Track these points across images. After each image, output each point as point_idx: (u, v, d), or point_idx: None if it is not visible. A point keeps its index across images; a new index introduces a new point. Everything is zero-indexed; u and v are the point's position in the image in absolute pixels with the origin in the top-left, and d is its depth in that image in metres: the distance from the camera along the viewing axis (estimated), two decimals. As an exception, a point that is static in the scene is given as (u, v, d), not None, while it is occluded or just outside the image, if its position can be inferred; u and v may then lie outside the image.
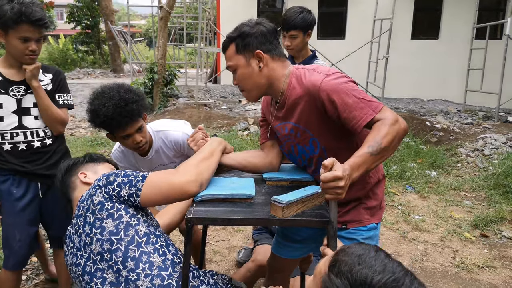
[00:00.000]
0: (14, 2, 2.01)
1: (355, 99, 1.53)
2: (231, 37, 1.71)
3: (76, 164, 1.82)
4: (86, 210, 1.51)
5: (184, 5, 15.42)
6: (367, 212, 1.80)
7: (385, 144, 1.41)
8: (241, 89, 1.77)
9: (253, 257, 2.66)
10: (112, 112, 1.98)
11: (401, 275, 0.86)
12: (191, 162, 1.62)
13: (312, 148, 1.74)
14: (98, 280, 1.48)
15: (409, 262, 3.39)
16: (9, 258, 2.26)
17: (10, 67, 2.18)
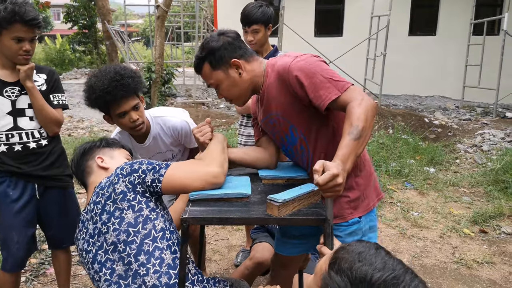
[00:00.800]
0: (7, 2, 2.00)
1: (322, 78, 1.55)
2: (201, 57, 1.72)
3: (92, 148, 1.82)
4: (107, 198, 1.50)
5: (181, 4, 15.39)
6: (349, 205, 1.73)
7: (361, 125, 1.43)
8: (229, 100, 1.80)
9: (251, 255, 2.66)
10: (108, 85, 1.98)
11: (401, 273, 0.86)
12: (212, 155, 1.63)
13: (293, 137, 1.76)
14: (108, 271, 1.48)
15: (409, 258, 3.38)
16: (7, 260, 2.25)
17: (4, 68, 2.17)
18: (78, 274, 3.07)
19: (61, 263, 2.52)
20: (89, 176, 1.74)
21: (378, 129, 7.13)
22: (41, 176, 2.27)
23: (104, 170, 1.72)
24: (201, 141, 1.79)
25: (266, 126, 1.85)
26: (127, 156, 1.86)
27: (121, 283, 1.46)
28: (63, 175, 2.37)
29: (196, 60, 1.74)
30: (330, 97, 1.53)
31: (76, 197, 2.50)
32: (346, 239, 1.71)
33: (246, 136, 3.07)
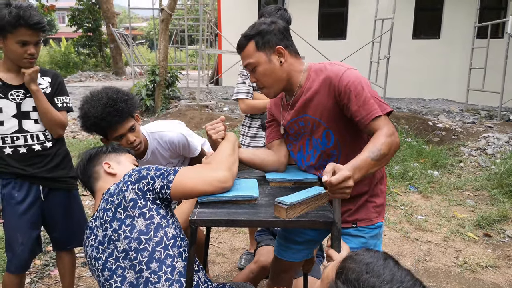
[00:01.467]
0: (11, 6, 2.02)
1: (369, 95, 1.62)
2: (250, 34, 1.72)
3: (99, 154, 1.82)
4: (117, 205, 1.50)
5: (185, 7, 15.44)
6: (376, 210, 1.85)
7: (384, 151, 1.51)
8: (261, 86, 1.79)
9: (255, 258, 2.66)
10: (101, 112, 1.99)
11: (409, 285, 0.85)
12: (220, 157, 1.63)
13: (326, 141, 1.78)
14: (118, 278, 1.48)
15: (412, 262, 3.37)
16: (12, 262, 2.27)
17: (9, 71, 2.19)
18: (82, 276, 3.08)
19: (66, 264, 2.53)
20: (96, 182, 1.74)
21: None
22: (46, 178, 2.28)
23: (111, 176, 1.72)
24: (213, 139, 1.79)
25: (293, 126, 1.86)
26: (134, 161, 1.87)
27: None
28: (67, 177, 2.39)
29: (242, 37, 1.74)
30: (373, 114, 1.59)
31: (80, 199, 2.51)
32: (369, 241, 1.83)
33: (249, 137, 3.07)
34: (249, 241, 3.52)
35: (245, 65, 1.77)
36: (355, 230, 1.83)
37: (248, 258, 3.26)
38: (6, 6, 2.02)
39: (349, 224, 1.84)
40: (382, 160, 1.51)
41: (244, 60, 1.77)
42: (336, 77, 1.66)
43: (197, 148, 2.50)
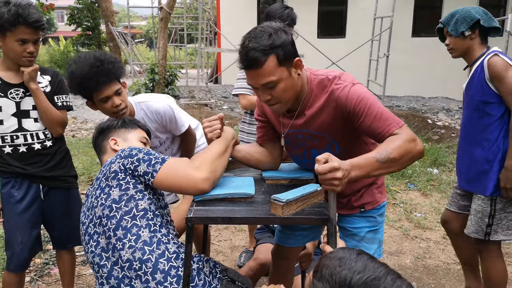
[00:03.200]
0: (10, 5, 2.02)
1: (380, 110, 1.56)
2: (269, 48, 1.47)
3: (109, 128, 1.87)
4: (103, 175, 1.57)
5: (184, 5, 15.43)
6: (378, 191, 1.90)
7: (394, 155, 1.42)
8: (276, 103, 1.61)
9: (254, 256, 2.66)
10: (88, 72, 2.00)
11: (382, 274, 0.84)
12: (207, 157, 1.61)
13: (330, 152, 1.71)
14: (94, 243, 1.55)
15: (412, 260, 3.38)
16: (12, 260, 2.27)
17: (8, 69, 2.19)
18: (82, 274, 3.09)
19: (66, 263, 2.53)
20: (103, 155, 1.82)
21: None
22: (46, 177, 2.29)
23: (115, 152, 1.76)
24: (208, 137, 1.74)
25: (290, 136, 1.82)
26: (142, 139, 1.87)
27: (103, 255, 1.52)
28: (67, 175, 2.39)
29: (256, 51, 1.47)
30: (390, 129, 1.52)
31: (80, 198, 2.51)
32: (378, 219, 1.90)
33: (249, 134, 3.07)
34: (248, 239, 3.52)
35: (264, 83, 1.53)
36: (364, 213, 1.89)
37: (247, 256, 3.26)
38: (5, 4, 2.02)
39: (357, 210, 1.88)
40: (390, 165, 1.42)
41: (261, 78, 1.51)
42: (343, 96, 1.58)
43: (183, 124, 2.48)
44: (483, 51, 2.30)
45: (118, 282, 1.48)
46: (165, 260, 1.49)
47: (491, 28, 2.29)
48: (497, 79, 2.17)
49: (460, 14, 2.30)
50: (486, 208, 2.30)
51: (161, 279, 1.46)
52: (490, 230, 2.31)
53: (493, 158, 2.27)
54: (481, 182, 2.31)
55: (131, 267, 1.47)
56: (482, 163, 2.30)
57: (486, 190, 2.28)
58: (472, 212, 2.36)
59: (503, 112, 2.22)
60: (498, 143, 2.25)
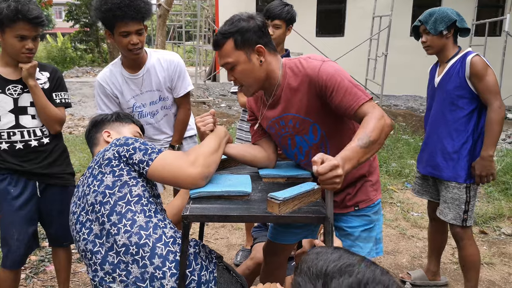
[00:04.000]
0: (10, 0, 2.01)
1: (350, 84, 1.61)
2: (228, 32, 1.64)
3: (103, 121, 1.87)
4: (96, 163, 1.57)
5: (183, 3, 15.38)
6: (373, 188, 1.92)
7: (373, 137, 1.47)
8: (240, 85, 1.75)
9: (252, 255, 2.66)
10: (121, 1, 2.03)
11: (356, 261, 0.85)
12: (202, 152, 1.61)
13: (312, 137, 1.77)
14: (86, 231, 1.54)
15: (408, 259, 3.39)
16: (8, 257, 2.26)
17: (7, 65, 2.18)
18: (78, 272, 3.08)
19: (61, 260, 2.52)
20: (95, 147, 1.82)
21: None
22: (42, 174, 2.28)
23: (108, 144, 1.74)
24: (201, 131, 1.77)
25: (273, 126, 1.85)
26: (135, 133, 1.88)
27: (96, 241, 1.51)
28: (64, 173, 2.38)
29: (219, 34, 1.66)
30: (358, 102, 1.58)
31: (77, 195, 2.51)
32: (373, 217, 1.91)
33: (247, 132, 3.07)
34: (245, 237, 3.52)
35: (223, 64, 1.71)
36: (358, 211, 1.89)
37: (244, 254, 3.26)
38: (5, 0, 2.01)
39: (351, 208, 1.89)
40: (372, 147, 1.48)
41: (221, 59, 1.69)
42: (314, 73, 1.65)
43: (189, 83, 2.55)
44: (457, 50, 2.54)
45: (113, 268, 1.48)
46: (162, 245, 1.48)
47: (463, 29, 2.51)
48: (477, 77, 2.39)
49: (439, 14, 2.48)
50: (462, 195, 2.51)
51: (159, 264, 1.46)
52: (467, 216, 2.53)
53: (462, 149, 2.49)
54: (451, 169, 2.52)
55: (127, 252, 1.46)
56: (451, 152, 2.52)
57: (458, 178, 2.51)
58: (448, 200, 2.56)
59: (473, 108, 2.46)
60: (467, 135, 2.48)
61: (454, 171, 2.51)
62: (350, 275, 0.81)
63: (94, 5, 2.14)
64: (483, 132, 2.45)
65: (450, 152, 2.51)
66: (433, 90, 2.67)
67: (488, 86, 2.38)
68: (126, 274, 1.46)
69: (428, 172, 2.67)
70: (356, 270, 0.82)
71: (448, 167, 2.53)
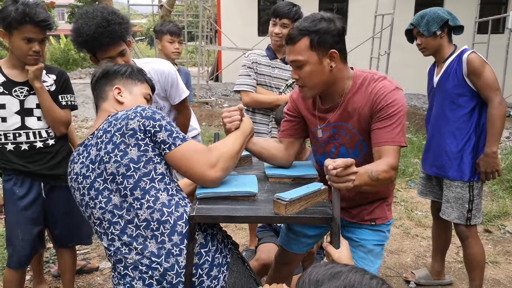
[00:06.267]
0: (18, 3, 2.03)
1: (399, 122, 1.63)
2: (306, 30, 1.59)
3: (116, 74, 1.73)
4: (117, 129, 1.49)
5: (185, 3, 15.39)
6: (388, 209, 1.94)
7: (381, 177, 1.53)
8: (301, 85, 1.70)
9: (256, 256, 2.66)
10: (94, 31, 1.98)
11: (347, 269, 0.87)
12: (225, 153, 1.58)
13: (357, 153, 1.78)
14: (104, 199, 1.51)
15: (413, 258, 3.39)
16: (12, 257, 2.28)
17: (14, 67, 2.20)
18: (82, 273, 3.09)
19: (66, 261, 2.54)
20: (102, 101, 1.70)
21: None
22: (47, 175, 2.29)
23: (118, 103, 1.68)
24: (227, 127, 1.71)
25: (325, 131, 1.82)
26: (147, 95, 1.78)
27: (115, 212, 1.49)
28: (69, 174, 2.39)
29: (297, 30, 1.61)
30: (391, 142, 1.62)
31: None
32: (387, 234, 1.93)
33: None
34: (249, 237, 3.52)
35: (292, 60, 1.65)
36: (374, 226, 1.91)
37: (248, 254, 3.26)
38: (13, 2, 2.04)
39: (368, 222, 1.90)
40: (375, 184, 1.52)
41: (291, 54, 1.64)
42: (382, 92, 1.64)
43: (184, 91, 2.50)
44: (453, 49, 2.56)
45: (130, 240, 1.47)
46: (183, 223, 1.48)
47: (456, 27, 2.53)
48: (475, 74, 2.40)
49: (430, 15, 2.51)
50: (465, 194, 2.52)
51: (178, 241, 1.46)
52: (471, 215, 2.53)
53: (465, 147, 2.49)
54: (456, 168, 2.52)
55: (148, 227, 1.46)
56: (455, 151, 2.52)
57: (464, 176, 2.50)
58: (451, 200, 2.56)
59: (474, 105, 2.46)
60: (470, 133, 2.48)
61: (459, 169, 2.51)
62: (338, 279, 0.84)
63: (71, 36, 2.08)
64: (485, 129, 2.45)
65: (454, 151, 2.51)
66: (433, 90, 2.68)
67: (487, 83, 2.38)
68: (143, 248, 1.46)
69: (434, 172, 2.67)
70: (344, 275, 0.85)
71: (453, 166, 2.52)
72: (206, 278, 1.48)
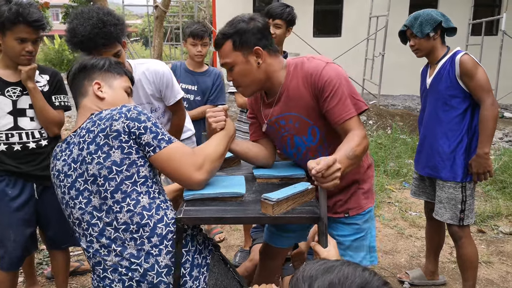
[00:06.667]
0: (11, 3, 2.02)
1: (345, 93, 1.64)
2: (227, 33, 1.67)
3: (94, 68, 1.67)
4: (101, 130, 1.46)
5: (180, 4, 15.38)
6: (365, 196, 1.91)
7: (358, 152, 1.54)
8: (237, 85, 1.76)
9: (251, 257, 2.66)
10: (89, 32, 1.96)
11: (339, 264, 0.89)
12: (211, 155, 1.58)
13: (311, 139, 1.78)
14: (84, 200, 1.49)
15: (407, 258, 3.40)
16: (4, 259, 2.26)
17: (7, 68, 2.19)
18: (76, 275, 3.07)
19: (60, 263, 2.52)
20: (82, 97, 1.65)
21: (377, 129, 7.15)
22: (40, 176, 2.27)
23: (98, 98, 1.63)
24: (212, 128, 1.72)
25: (273, 125, 1.85)
26: (127, 89, 1.73)
27: (95, 214, 1.48)
28: (62, 175, 2.38)
29: (219, 35, 1.69)
30: (347, 115, 1.63)
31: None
32: (363, 226, 1.90)
33: (245, 133, 3.07)
34: (244, 238, 3.52)
35: (222, 64, 1.73)
36: (348, 219, 1.89)
37: (243, 255, 3.26)
38: (6, 2, 2.03)
39: (342, 214, 1.89)
40: (354, 161, 1.54)
41: (221, 59, 1.72)
42: (315, 72, 1.66)
43: (179, 92, 2.50)
44: (446, 50, 2.57)
45: (109, 243, 1.47)
46: (163, 225, 1.47)
47: (449, 29, 2.54)
48: (468, 76, 2.41)
49: (423, 16, 2.52)
50: (458, 195, 2.53)
51: (157, 242, 1.46)
52: (464, 216, 2.55)
53: (458, 148, 2.51)
54: (449, 169, 2.53)
55: (127, 230, 1.45)
56: (447, 152, 2.53)
57: (457, 176, 2.52)
58: (444, 201, 2.57)
59: (466, 107, 2.48)
60: (462, 134, 2.50)
61: (451, 170, 2.52)
62: (331, 273, 0.85)
63: (66, 36, 2.06)
64: (477, 130, 2.47)
65: (447, 152, 2.53)
66: (426, 92, 2.70)
67: (480, 84, 2.39)
68: (122, 250, 1.45)
69: (427, 173, 2.69)
70: (337, 269, 0.86)
71: (446, 167, 2.54)
72: (189, 279, 1.48)
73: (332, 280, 0.84)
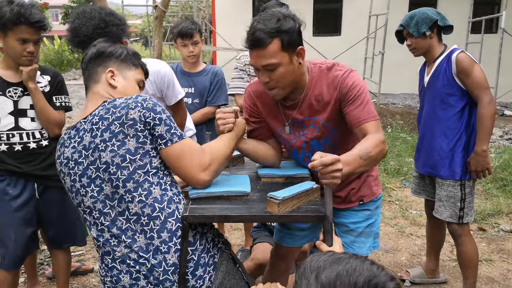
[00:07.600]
0: (13, 4, 2.03)
1: (365, 100, 1.65)
2: (275, 31, 1.54)
3: (110, 56, 1.64)
4: (116, 118, 1.45)
5: (179, 4, 15.38)
6: (375, 183, 1.96)
7: (373, 154, 1.52)
8: (273, 87, 1.66)
9: (252, 256, 2.66)
10: (91, 32, 1.96)
11: (346, 256, 0.89)
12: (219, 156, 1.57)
13: (329, 139, 1.80)
14: (96, 188, 1.48)
15: (408, 257, 3.40)
16: (5, 258, 2.27)
17: (8, 68, 2.20)
18: (77, 275, 3.08)
19: (61, 263, 2.53)
20: (94, 83, 1.62)
21: (377, 128, 7.09)
22: (40, 175, 2.29)
23: (111, 86, 1.61)
24: (220, 129, 1.69)
25: (292, 128, 1.82)
26: (140, 82, 1.71)
27: (107, 203, 1.48)
28: (63, 175, 2.38)
29: (263, 33, 1.53)
30: (369, 118, 1.63)
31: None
32: (374, 212, 1.93)
33: None
34: (244, 237, 3.52)
35: (264, 65, 1.59)
36: (361, 206, 1.92)
37: (243, 254, 3.26)
38: (8, 3, 2.04)
39: (356, 203, 1.92)
40: (369, 162, 1.52)
41: (262, 59, 1.57)
42: (341, 76, 1.68)
43: (180, 92, 2.50)
44: (443, 49, 2.57)
45: (120, 233, 1.46)
46: (173, 220, 1.46)
47: (445, 27, 2.55)
48: (464, 74, 2.42)
49: (419, 16, 2.52)
50: (457, 193, 2.54)
51: (166, 239, 1.45)
52: (463, 214, 2.55)
53: (456, 146, 2.52)
54: (448, 167, 2.54)
55: (138, 221, 1.45)
56: (446, 150, 2.54)
57: (455, 175, 2.53)
58: (443, 199, 2.58)
59: (464, 105, 2.48)
60: (460, 132, 2.51)
61: (450, 168, 2.53)
62: (339, 264, 0.86)
63: (67, 36, 2.05)
64: (475, 128, 2.47)
65: (445, 150, 2.53)
66: (424, 90, 2.70)
67: (477, 82, 2.40)
68: (131, 242, 1.45)
69: (426, 171, 2.69)
70: (345, 260, 0.87)
71: (445, 165, 2.54)
72: (191, 278, 1.48)
73: (340, 271, 0.84)
